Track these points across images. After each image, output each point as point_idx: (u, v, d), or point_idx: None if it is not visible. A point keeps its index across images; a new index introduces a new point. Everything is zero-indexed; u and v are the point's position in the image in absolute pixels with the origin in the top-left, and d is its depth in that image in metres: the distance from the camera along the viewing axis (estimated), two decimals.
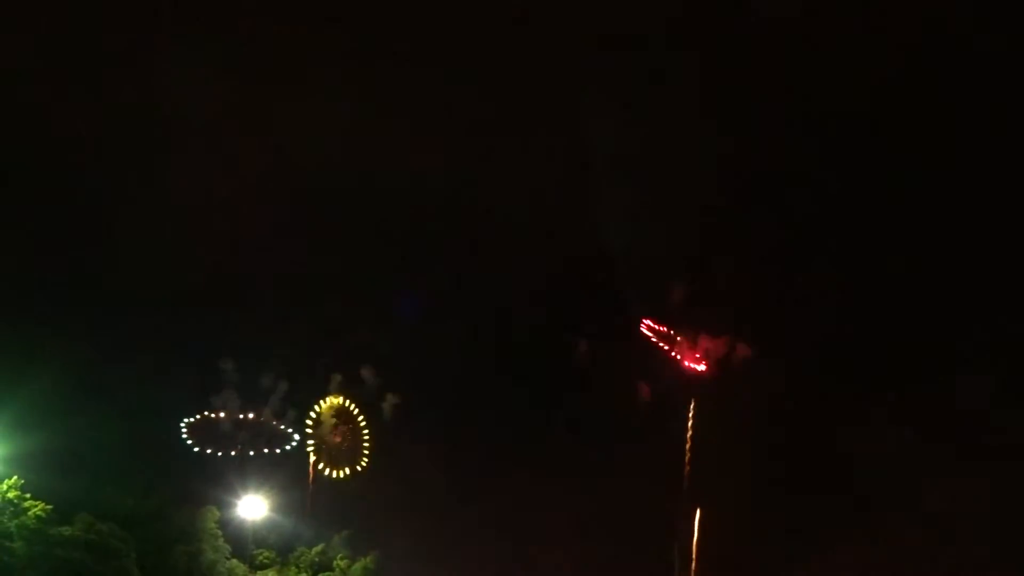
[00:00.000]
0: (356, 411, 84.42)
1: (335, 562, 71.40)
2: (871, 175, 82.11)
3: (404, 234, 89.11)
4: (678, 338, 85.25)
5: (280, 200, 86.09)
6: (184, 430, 79.79)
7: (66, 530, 56.01)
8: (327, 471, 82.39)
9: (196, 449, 79.73)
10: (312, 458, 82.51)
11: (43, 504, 56.02)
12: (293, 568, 70.47)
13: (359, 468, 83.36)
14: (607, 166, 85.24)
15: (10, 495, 55.25)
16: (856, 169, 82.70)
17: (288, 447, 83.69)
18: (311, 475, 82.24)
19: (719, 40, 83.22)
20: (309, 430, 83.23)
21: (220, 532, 66.06)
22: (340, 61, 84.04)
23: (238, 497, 72.27)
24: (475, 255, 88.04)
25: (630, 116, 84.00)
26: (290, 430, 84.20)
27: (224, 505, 69.65)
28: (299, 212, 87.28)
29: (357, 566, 70.98)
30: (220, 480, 75.23)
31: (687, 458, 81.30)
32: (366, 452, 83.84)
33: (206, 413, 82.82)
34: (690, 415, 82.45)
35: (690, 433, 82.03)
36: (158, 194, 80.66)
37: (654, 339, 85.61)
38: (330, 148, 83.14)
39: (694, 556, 79.42)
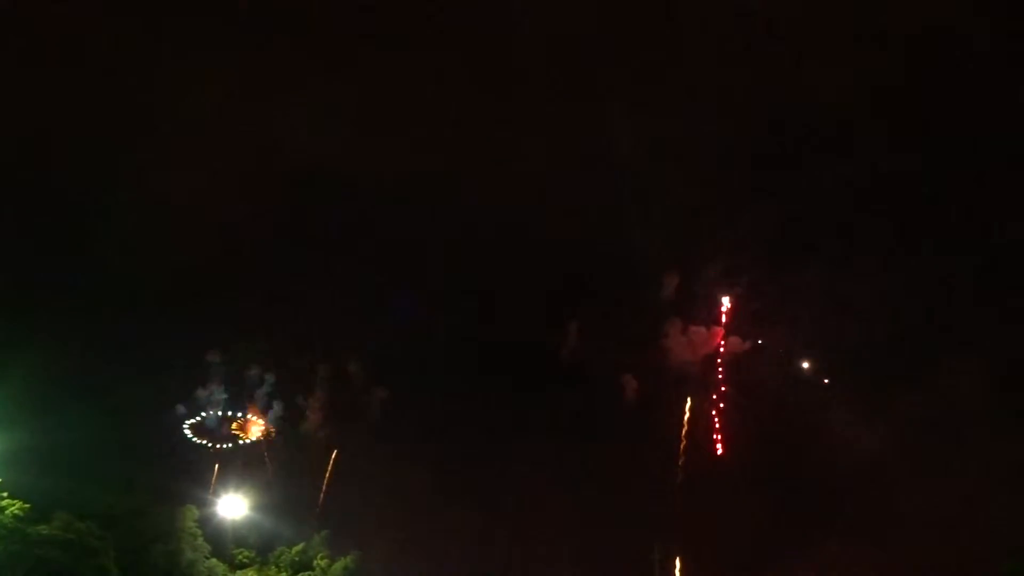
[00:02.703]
0: None
1: (315, 561, 71.09)
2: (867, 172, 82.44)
3: (393, 229, 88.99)
4: (671, 330, 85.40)
5: (266, 197, 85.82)
6: (165, 427, 79.67)
7: (44, 529, 55.67)
8: None
9: (177, 446, 79.60)
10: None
11: (20, 503, 55.73)
12: (273, 567, 70.21)
13: None
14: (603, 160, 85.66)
15: None
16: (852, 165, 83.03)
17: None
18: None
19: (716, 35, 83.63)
20: None
21: (199, 531, 65.75)
22: (333, 57, 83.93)
23: (218, 495, 72.16)
24: (466, 251, 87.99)
25: (623, 111, 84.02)
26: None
27: (204, 504, 69.59)
28: (285, 209, 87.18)
29: (337, 565, 70.72)
30: (200, 478, 75.28)
31: (682, 445, 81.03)
32: None
33: (189, 409, 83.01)
34: (686, 411, 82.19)
35: (685, 430, 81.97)
36: (141, 189, 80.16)
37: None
38: (322, 144, 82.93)
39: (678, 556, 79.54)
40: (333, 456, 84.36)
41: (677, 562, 78.29)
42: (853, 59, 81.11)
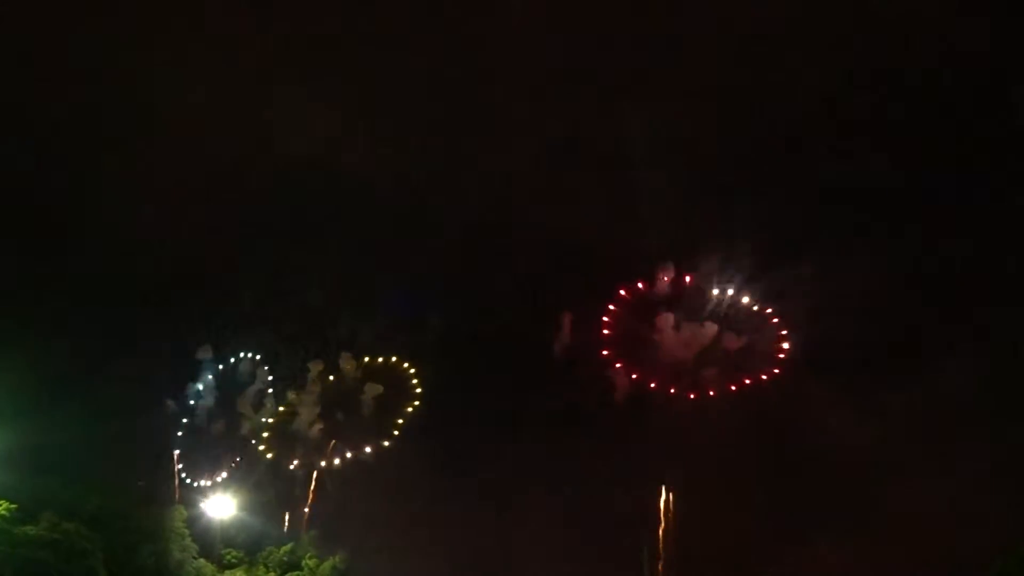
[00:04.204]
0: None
1: (304, 561, 71.36)
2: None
3: (389, 226, 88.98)
4: (662, 328, 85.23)
5: (262, 195, 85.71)
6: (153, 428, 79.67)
7: (31, 529, 55.80)
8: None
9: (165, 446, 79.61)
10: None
11: (7, 503, 55.87)
12: (261, 567, 70.40)
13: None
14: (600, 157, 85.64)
15: None
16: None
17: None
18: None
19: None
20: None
21: (187, 531, 65.97)
22: (321, 57, 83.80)
23: (206, 496, 72.21)
24: (457, 249, 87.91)
25: (620, 109, 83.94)
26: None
27: (192, 504, 69.62)
28: (281, 206, 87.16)
29: (326, 565, 70.93)
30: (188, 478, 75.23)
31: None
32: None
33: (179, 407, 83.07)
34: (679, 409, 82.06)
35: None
36: (131, 188, 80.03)
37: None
38: (318, 142, 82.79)
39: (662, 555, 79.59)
40: (324, 455, 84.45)
41: (660, 562, 78.43)
42: (851, 58, 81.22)
